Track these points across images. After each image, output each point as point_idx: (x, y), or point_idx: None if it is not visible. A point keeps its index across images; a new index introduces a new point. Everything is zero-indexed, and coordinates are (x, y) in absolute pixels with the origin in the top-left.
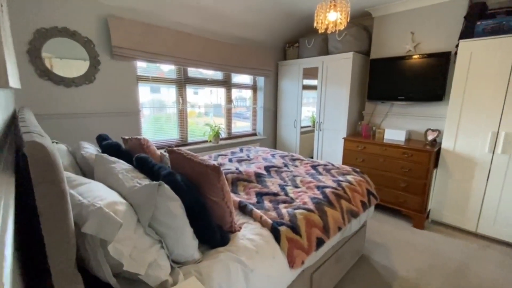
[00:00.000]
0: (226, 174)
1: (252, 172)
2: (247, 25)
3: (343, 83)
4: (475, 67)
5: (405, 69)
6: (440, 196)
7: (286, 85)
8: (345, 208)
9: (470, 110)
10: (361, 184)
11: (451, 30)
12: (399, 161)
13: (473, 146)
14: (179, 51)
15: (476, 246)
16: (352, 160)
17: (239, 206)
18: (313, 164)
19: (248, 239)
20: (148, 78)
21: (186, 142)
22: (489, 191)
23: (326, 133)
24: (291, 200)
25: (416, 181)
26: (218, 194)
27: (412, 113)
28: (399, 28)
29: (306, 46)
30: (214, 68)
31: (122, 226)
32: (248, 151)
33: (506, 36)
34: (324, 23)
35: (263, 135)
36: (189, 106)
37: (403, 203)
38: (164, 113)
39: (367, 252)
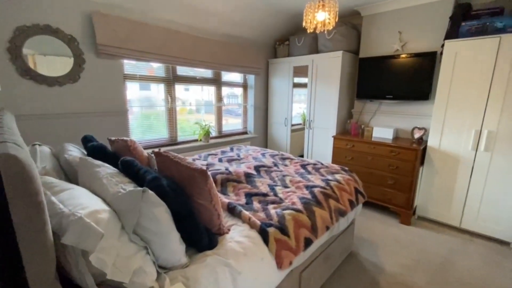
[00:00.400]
0: (215, 174)
1: (242, 172)
2: (237, 23)
3: (332, 82)
4: (459, 67)
5: (393, 68)
6: (426, 193)
7: (276, 83)
8: (333, 208)
9: (454, 109)
10: (349, 183)
11: (437, 30)
12: (386, 159)
13: (457, 144)
14: (167, 49)
15: (460, 241)
16: (341, 158)
17: (228, 208)
18: (302, 163)
19: (236, 242)
20: (135, 77)
21: (175, 142)
22: (472, 188)
23: (316, 132)
24: (280, 200)
25: (403, 178)
26: (206, 198)
27: (399, 111)
28: (387, 27)
29: (296, 44)
30: (204, 66)
31: (105, 234)
32: (239, 150)
33: (489, 37)
34: (312, 23)
35: (254, 133)
36: (179, 103)
37: (391, 200)
38: (154, 110)
39: (356, 249)
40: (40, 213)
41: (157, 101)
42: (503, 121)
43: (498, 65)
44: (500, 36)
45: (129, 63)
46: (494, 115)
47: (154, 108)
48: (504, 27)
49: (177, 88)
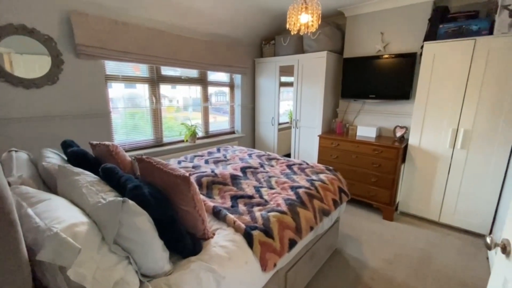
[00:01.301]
0: (201, 177)
1: (228, 174)
2: (222, 22)
3: (318, 81)
4: (437, 68)
5: (375, 68)
6: (407, 189)
7: (263, 82)
8: (317, 208)
9: (433, 108)
10: (333, 182)
11: (417, 32)
12: (370, 157)
13: (436, 142)
14: (150, 49)
15: (438, 235)
16: (327, 156)
17: (213, 212)
18: (288, 163)
19: (220, 246)
20: (118, 78)
21: (161, 143)
22: (450, 184)
23: (302, 131)
24: (265, 202)
25: (385, 176)
26: (189, 204)
27: (382, 110)
28: (370, 28)
29: (282, 44)
30: (189, 66)
31: (84, 247)
32: (226, 151)
33: (465, 39)
34: (296, 25)
35: (242, 133)
36: (166, 101)
37: (374, 196)
38: (139, 109)
39: (341, 246)
40: (12, 232)
41: (143, 100)
42: (478, 120)
43: (473, 66)
44: (475, 38)
45: (113, 64)
46: (470, 115)
47: (139, 108)
48: (479, 30)
49: (164, 86)
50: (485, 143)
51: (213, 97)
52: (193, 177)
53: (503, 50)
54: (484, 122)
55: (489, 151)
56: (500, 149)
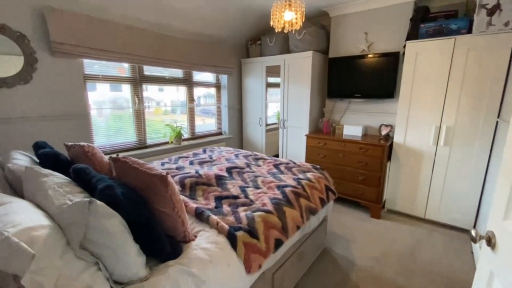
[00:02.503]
0: (184, 178)
1: (213, 174)
2: (206, 21)
3: (304, 81)
4: (420, 67)
5: (360, 67)
6: (393, 187)
7: (250, 83)
8: (304, 206)
9: (417, 106)
10: (320, 180)
11: (400, 31)
12: (356, 156)
13: (420, 139)
14: (131, 47)
15: (424, 231)
16: (314, 156)
17: (196, 213)
18: (275, 163)
19: (202, 249)
20: (97, 77)
21: (144, 145)
22: (434, 180)
23: (290, 131)
24: (250, 202)
25: (372, 174)
26: (168, 205)
27: (367, 109)
28: (354, 28)
29: (268, 44)
30: (172, 65)
31: (42, 253)
32: (212, 152)
33: (445, 38)
34: (280, 22)
35: (229, 134)
36: (153, 103)
37: (361, 195)
38: (125, 111)
39: (329, 245)
40: None
41: (128, 101)
42: (459, 117)
43: (454, 64)
44: (455, 37)
45: (94, 64)
46: (451, 112)
47: (122, 110)
48: (458, 28)
49: (151, 89)
50: (467, 139)
51: (201, 99)
52: (176, 178)
53: (481, 48)
54: (466, 118)
55: (471, 147)
56: (481, 144)
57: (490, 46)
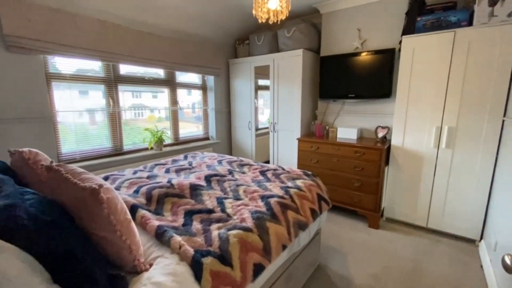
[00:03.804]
0: (152, 189)
1: (187, 184)
2: (190, 18)
3: (295, 82)
4: (418, 63)
5: (354, 66)
6: (392, 193)
7: (238, 84)
8: (292, 220)
9: (415, 106)
10: (311, 189)
11: (395, 26)
12: (352, 160)
13: (420, 141)
14: (104, 44)
15: (427, 242)
16: (306, 161)
17: (156, 233)
18: (262, 169)
19: (153, 284)
20: (64, 76)
21: (121, 151)
22: (436, 186)
23: (281, 134)
24: (227, 217)
25: (369, 180)
26: (105, 227)
27: (362, 110)
28: (346, 25)
29: (256, 43)
30: (151, 65)
31: None
32: (193, 158)
33: (444, 32)
34: (263, 11)
35: (216, 139)
36: (147, 111)
37: (358, 203)
38: (99, 115)
39: (324, 260)
40: None
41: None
42: (462, 116)
43: (454, 59)
44: (454, 30)
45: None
46: (453, 111)
47: (95, 112)
48: (458, 21)
49: (145, 95)
50: (471, 141)
51: (196, 104)
52: (144, 189)
53: (484, 41)
54: (469, 118)
55: (475, 149)
56: (486, 146)
57: (493, 38)
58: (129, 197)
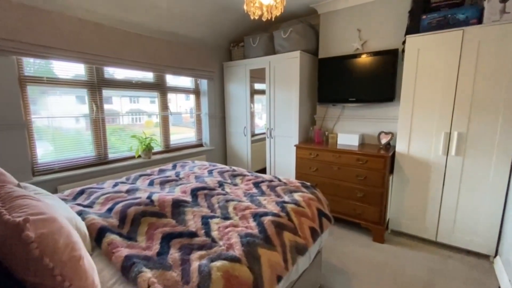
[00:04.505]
0: (128, 207)
1: (170, 200)
2: (180, 18)
3: (292, 85)
4: (423, 64)
5: (354, 68)
6: (397, 204)
7: (233, 88)
8: (289, 244)
9: (421, 110)
10: (311, 203)
11: (397, 26)
12: (354, 169)
13: (427, 148)
14: (86, 45)
15: (438, 258)
16: (305, 169)
17: (122, 267)
18: (256, 180)
19: None
20: (41, 80)
21: (105, 160)
22: (446, 196)
23: (278, 141)
24: (211, 243)
25: (373, 190)
26: (41, 272)
27: (364, 115)
28: (346, 25)
29: (251, 45)
30: (139, 67)
31: None
32: (182, 167)
33: (451, 30)
34: (255, 6)
35: (210, 145)
36: (145, 116)
37: (361, 214)
38: (81, 121)
39: (325, 282)
40: None
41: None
42: (473, 121)
43: (463, 60)
44: (463, 28)
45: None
46: (463, 115)
47: (77, 119)
48: (467, 18)
49: (142, 101)
50: (483, 147)
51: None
52: (119, 206)
53: (495, 40)
54: (480, 123)
55: (488, 156)
56: (500, 153)
57: (505, 37)
58: (99, 217)
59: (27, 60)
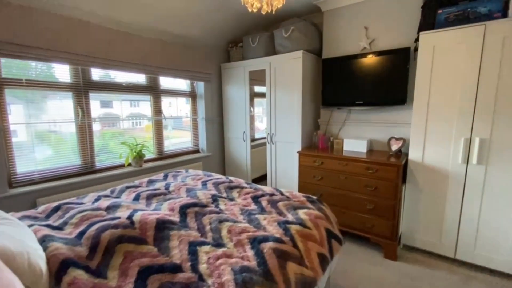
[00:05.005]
0: (103, 231)
1: (153, 221)
2: (174, 16)
3: (294, 87)
4: (439, 63)
5: (361, 69)
6: (411, 218)
7: (231, 91)
8: (294, 279)
9: (437, 113)
10: (319, 223)
11: (408, 22)
12: (363, 178)
13: (444, 156)
14: (70, 45)
15: (458, 279)
16: (309, 178)
17: None
18: (255, 193)
19: None
20: (20, 82)
21: (93, 169)
22: (466, 210)
23: (279, 147)
24: (198, 281)
25: (384, 201)
26: None
27: (372, 119)
28: (352, 23)
29: (250, 45)
30: (129, 69)
31: None
32: (174, 177)
33: (472, 26)
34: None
35: (207, 152)
36: (145, 120)
37: (371, 228)
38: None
39: None
40: None
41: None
42: (497, 126)
43: (485, 57)
44: (485, 23)
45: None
46: (486, 119)
47: (59, 125)
48: (489, 12)
49: (143, 104)
50: (509, 155)
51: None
52: (92, 230)
53: None
54: (505, 127)
55: None
56: None
57: None
58: (65, 245)
59: (11, 61)
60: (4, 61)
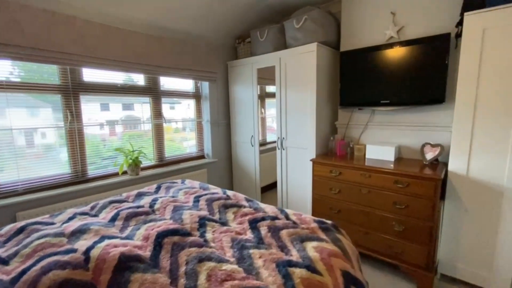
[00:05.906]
0: (45, 272)
1: (113, 259)
2: (175, 10)
3: (307, 85)
4: (491, 51)
5: (387, 62)
6: (451, 242)
7: (239, 91)
8: None
9: (488, 114)
10: (333, 263)
11: (447, 3)
12: (390, 193)
13: (497, 168)
14: (53, 42)
15: None
16: (324, 190)
17: None
18: (254, 216)
19: None
20: (1, 84)
21: (85, 178)
22: None
23: (291, 153)
24: None
25: (417, 222)
26: None
27: (401, 122)
28: (375, 8)
29: (258, 39)
30: (124, 68)
31: None
32: (167, 190)
33: None
34: None
35: (213, 157)
36: (164, 121)
37: (400, 254)
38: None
39: None
40: None
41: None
42: None
43: None
44: None
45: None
46: None
47: (45, 128)
48: None
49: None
50: None
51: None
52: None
53: None
54: None
55: None
56: None
57: None
58: None
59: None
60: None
